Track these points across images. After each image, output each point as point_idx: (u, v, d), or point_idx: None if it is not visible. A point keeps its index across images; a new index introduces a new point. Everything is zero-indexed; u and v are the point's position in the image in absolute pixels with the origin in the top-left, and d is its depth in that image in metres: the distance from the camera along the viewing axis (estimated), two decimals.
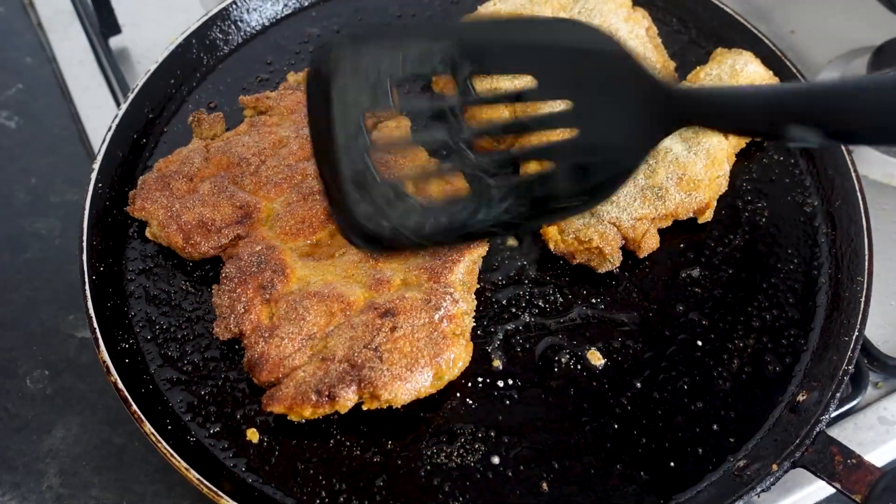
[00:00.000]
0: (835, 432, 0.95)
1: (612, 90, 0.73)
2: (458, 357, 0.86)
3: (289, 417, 0.85)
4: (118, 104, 1.23)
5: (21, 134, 1.25)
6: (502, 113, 0.80)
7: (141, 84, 1.07)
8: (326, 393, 0.83)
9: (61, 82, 1.29)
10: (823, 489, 0.95)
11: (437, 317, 0.87)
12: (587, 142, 0.73)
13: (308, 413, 0.83)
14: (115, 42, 1.31)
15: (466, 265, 0.92)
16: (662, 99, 0.73)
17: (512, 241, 1.00)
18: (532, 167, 0.80)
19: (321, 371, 0.84)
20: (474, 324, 0.92)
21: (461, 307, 0.89)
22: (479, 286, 0.95)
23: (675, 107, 0.73)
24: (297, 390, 0.83)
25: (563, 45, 0.74)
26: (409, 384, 0.83)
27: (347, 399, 0.83)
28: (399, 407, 0.86)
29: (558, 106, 0.78)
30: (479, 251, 0.94)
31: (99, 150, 1.01)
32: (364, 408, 0.85)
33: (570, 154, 0.74)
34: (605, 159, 0.73)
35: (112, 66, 1.25)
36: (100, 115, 1.23)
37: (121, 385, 0.87)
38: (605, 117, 0.73)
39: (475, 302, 0.93)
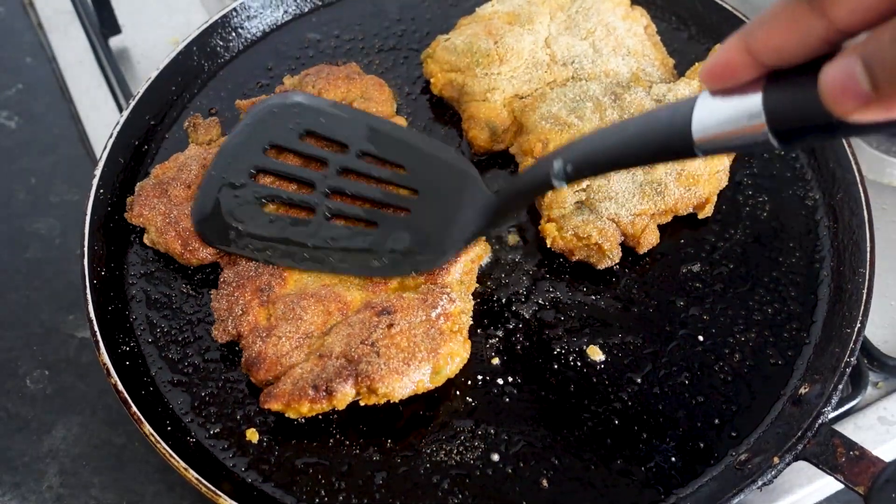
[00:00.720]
0: None
1: (453, 192, 0.94)
2: (455, 352, 0.86)
3: (287, 415, 0.84)
4: (118, 104, 1.24)
5: (21, 134, 1.25)
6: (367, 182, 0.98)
7: (142, 91, 1.07)
8: (324, 388, 0.82)
9: (61, 82, 1.29)
10: (824, 488, 0.94)
11: (434, 314, 0.86)
12: (414, 223, 0.93)
13: (306, 409, 0.83)
14: (115, 42, 1.31)
15: (463, 266, 0.92)
16: (488, 203, 0.92)
17: (511, 239, 1.00)
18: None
19: (318, 367, 0.84)
20: (472, 322, 0.91)
21: (458, 306, 0.88)
22: (477, 284, 0.95)
23: (494, 204, 0.91)
24: (294, 386, 0.83)
25: (434, 154, 0.98)
26: (407, 377, 0.83)
27: (345, 393, 0.82)
28: (398, 405, 0.86)
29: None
30: (476, 251, 0.93)
31: (100, 157, 1.01)
32: (362, 403, 0.85)
33: (396, 224, 0.94)
34: (421, 240, 0.92)
35: (112, 66, 1.25)
36: (100, 116, 1.24)
37: (121, 387, 0.87)
38: (438, 210, 0.94)
39: (472, 303, 0.92)
